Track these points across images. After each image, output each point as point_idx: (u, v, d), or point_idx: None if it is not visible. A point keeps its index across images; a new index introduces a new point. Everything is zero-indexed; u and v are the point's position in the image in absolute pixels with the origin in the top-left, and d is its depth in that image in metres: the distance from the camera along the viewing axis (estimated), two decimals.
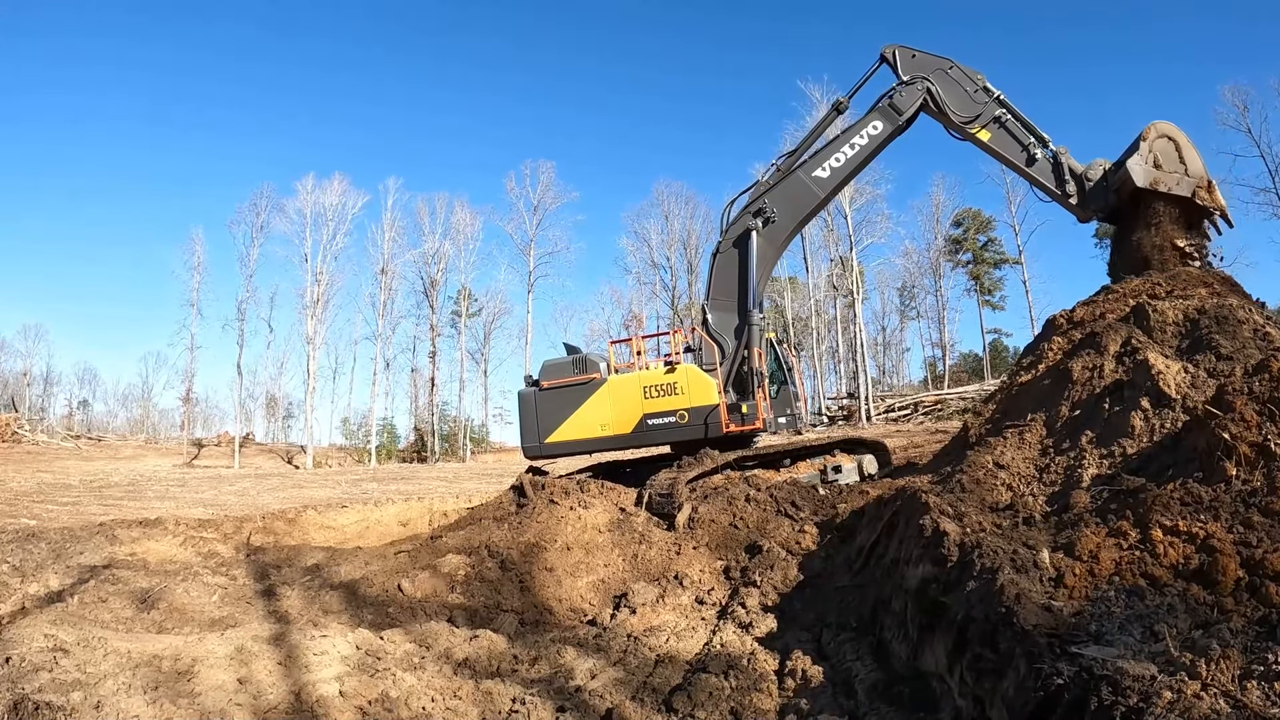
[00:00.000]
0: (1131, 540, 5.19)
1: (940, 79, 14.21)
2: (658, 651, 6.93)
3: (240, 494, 26.33)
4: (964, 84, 14.21)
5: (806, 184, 14.67)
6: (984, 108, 14.06)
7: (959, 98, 14.15)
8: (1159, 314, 10.48)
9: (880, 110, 14.50)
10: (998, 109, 13.99)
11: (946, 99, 14.10)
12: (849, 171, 14.93)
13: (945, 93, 14.12)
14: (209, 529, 14.00)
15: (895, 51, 14.65)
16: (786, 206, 14.64)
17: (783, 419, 14.65)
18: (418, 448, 65.34)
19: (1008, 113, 14.05)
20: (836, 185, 15.06)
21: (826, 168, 14.62)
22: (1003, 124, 14.06)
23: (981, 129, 14.08)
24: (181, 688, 5.46)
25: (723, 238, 14.98)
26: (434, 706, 5.66)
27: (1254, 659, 3.44)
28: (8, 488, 28.03)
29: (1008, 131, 14.09)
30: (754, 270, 14.25)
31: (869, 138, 14.51)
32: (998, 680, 4.05)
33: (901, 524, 7.16)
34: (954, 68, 14.30)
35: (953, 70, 14.29)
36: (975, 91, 14.13)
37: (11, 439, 54.52)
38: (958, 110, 14.10)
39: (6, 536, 11.76)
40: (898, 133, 14.57)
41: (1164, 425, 8.09)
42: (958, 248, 76.22)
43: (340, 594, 9.28)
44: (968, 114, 14.08)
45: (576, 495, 11.44)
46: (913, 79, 14.31)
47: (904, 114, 14.29)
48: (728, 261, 14.71)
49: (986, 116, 14.06)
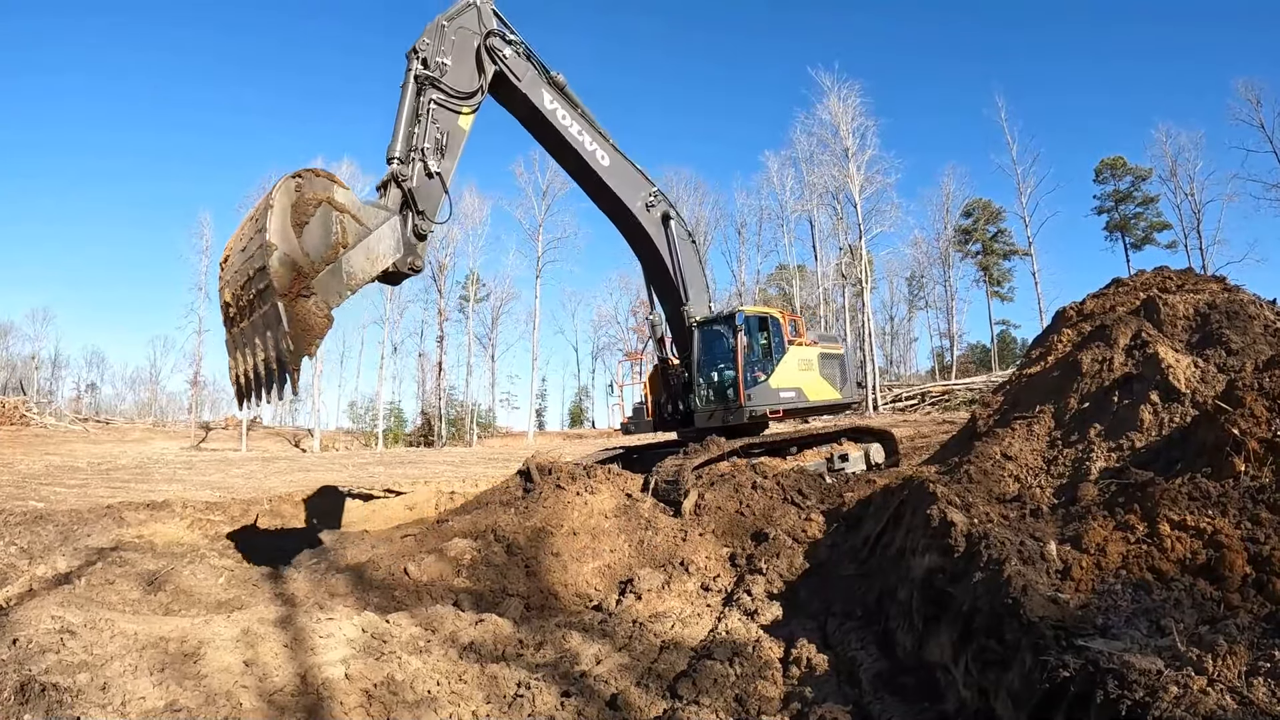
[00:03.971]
0: (1139, 534, 5.18)
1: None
2: (663, 638, 6.95)
3: (247, 477, 26.45)
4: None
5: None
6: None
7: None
8: (1169, 308, 10.43)
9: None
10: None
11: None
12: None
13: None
14: (216, 511, 14.06)
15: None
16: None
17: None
18: (424, 432, 65.66)
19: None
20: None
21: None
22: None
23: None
24: (188, 669, 5.48)
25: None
26: (439, 689, 5.68)
27: (1260, 655, 3.43)
28: (16, 470, 28.19)
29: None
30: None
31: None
32: (1003, 672, 4.05)
33: (908, 514, 7.15)
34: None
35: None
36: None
37: (20, 422, 54.85)
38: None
39: (14, 519, 11.82)
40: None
41: (1173, 419, 8.06)
42: (967, 238, 75.97)
43: (346, 577, 9.31)
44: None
45: (583, 481, 11.44)
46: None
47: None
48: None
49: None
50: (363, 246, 7.79)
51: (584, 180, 13.25)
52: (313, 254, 7.31)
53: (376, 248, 7.95)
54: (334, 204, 7.55)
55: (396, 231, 8.30)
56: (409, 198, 9.11)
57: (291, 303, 7.05)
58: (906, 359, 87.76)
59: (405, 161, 9.33)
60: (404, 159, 9.33)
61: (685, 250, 14.14)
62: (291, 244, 7.19)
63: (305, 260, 7.23)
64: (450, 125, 10.02)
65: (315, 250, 7.33)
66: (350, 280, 7.64)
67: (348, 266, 7.63)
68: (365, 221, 7.87)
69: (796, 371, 14.21)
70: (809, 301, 65.93)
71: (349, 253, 7.62)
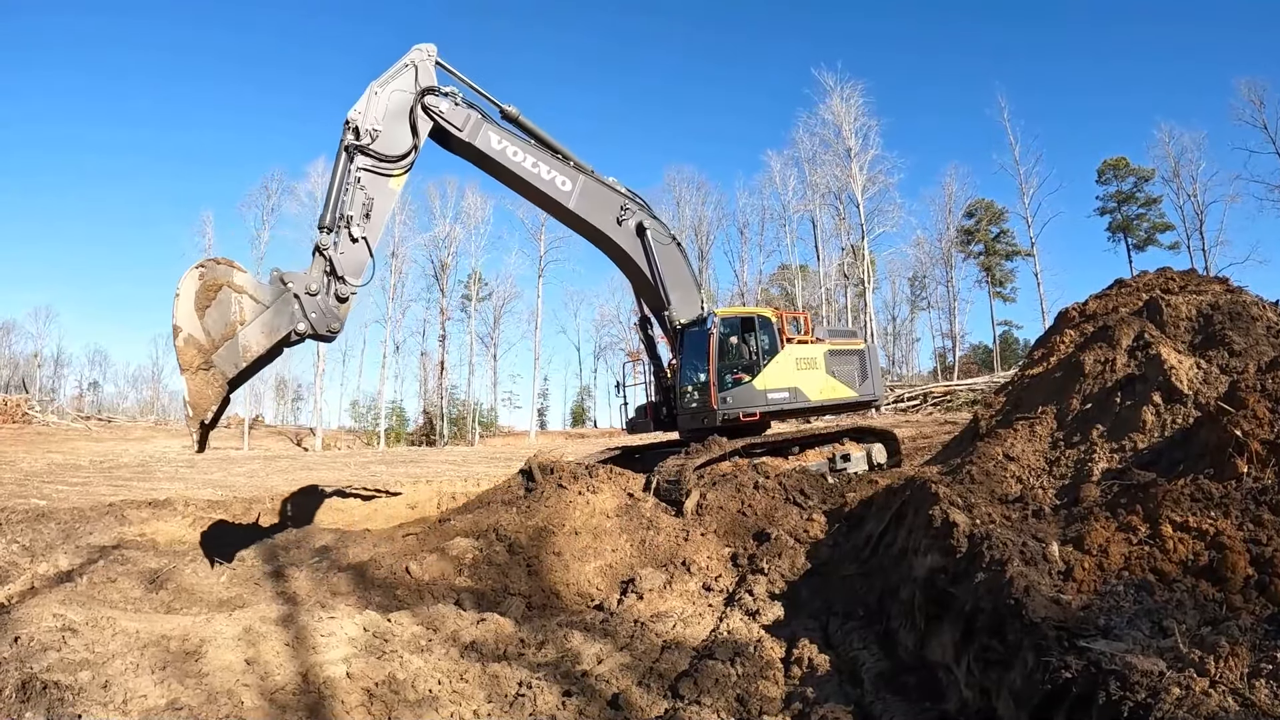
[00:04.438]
0: (1141, 535, 5.17)
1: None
2: (665, 637, 6.95)
3: (249, 475, 26.47)
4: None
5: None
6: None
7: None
8: (1172, 308, 10.42)
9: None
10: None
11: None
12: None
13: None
14: (218, 510, 14.06)
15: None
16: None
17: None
18: (426, 431, 65.64)
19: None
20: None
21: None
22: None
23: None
24: (189, 668, 5.49)
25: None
26: (440, 689, 5.69)
27: (1262, 657, 3.43)
28: (18, 468, 28.24)
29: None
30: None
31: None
32: (1005, 672, 4.05)
33: (910, 514, 7.15)
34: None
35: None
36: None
37: (22, 420, 54.89)
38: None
39: (17, 517, 11.84)
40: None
41: (1175, 420, 8.06)
42: (970, 238, 75.84)
43: (348, 576, 9.32)
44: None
45: (585, 480, 11.44)
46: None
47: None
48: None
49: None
50: (258, 322, 8.77)
51: (550, 209, 13.38)
52: (213, 332, 8.50)
53: (271, 322, 8.85)
54: (233, 286, 8.69)
55: (290, 306, 9.09)
56: (330, 265, 9.77)
57: (192, 375, 8.31)
58: (909, 359, 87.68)
59: (331, 229, 10.04)
60: (330, 227, 10.04)
61: (666, 255, 13.93)
62: (194, 325, 8.44)
63: (206, 338, 8.46)
64: (378, 190, 10.61)
65: (215, 329, 8.51)
66: (246, 353, 8.65)
67: (244, 341, 8.68)
68: (262, 300, 8.85)
69: (792, 371, 14.04)
70: (811, 301, 65.80)
71: (246, 329, 8.67)
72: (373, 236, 10.44)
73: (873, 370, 15.60)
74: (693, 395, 13.98)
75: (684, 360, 14.22)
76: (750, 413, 13.42)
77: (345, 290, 9.93)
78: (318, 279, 9.63)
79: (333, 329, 9.82)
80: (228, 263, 8.84)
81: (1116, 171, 68.58)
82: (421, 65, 11.30)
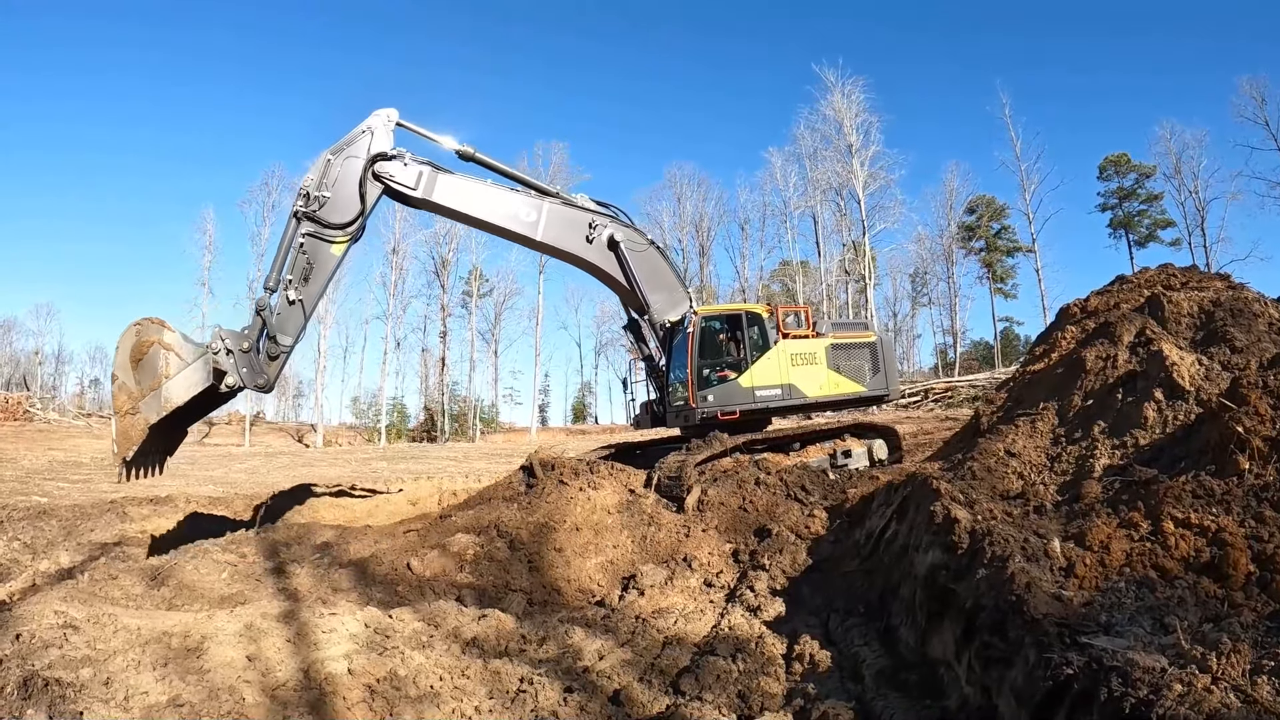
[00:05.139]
0: (1143, 532, 5.17)
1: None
2: (666, 633, 6.95)
3: (250, 472, 26.52)
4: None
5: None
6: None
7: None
8: (1174, 305, 10.41)
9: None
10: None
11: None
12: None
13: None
14: (219, 506, 14.09)
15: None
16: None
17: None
18: (427, 427, 65.66)
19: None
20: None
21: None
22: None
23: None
24: (191, 664, 5.49)
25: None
26: (442, 685, 5.69)
27: (1265, 654, 3.43)
28: (19, 465, 28.24)
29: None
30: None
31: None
32: (1006, 669, 4.05)
33: (912, 510, 7.14)
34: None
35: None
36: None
37: (23, 417, 54.81)
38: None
39: (18, 514, 11.88)
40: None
41: (1177, 417, 8.05)
42: (971, 235, 75.83)
43: (349, 572, 9.32)
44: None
45: (586, 476, 11.43)
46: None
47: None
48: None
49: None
50: (180, 377, 9.75)
51: (519, 242, 13.59)
52: (142, 383, 9.66)
53: (190, 378, 9.80)
54: (162, 344, 9.79)
55: (208, 365, 9.95)
56: (265, 324, 10.74)
57: (120, 418, 9.52)
58: (910, 356, 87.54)
59: (272, 290, 10.96)
60: (272, 288, 10.97)
61: (642, 260, 13.85)
62: (128, 375, 9.68)
63: (136, 388, 9.64)
64: (319, 256, 11.31)
65: (144, 380, 9.65)
66: (167, 403, 9.68)
67: (166, 392, 9.73)
68: (185, 358, 9.85)
69: (787, 367, 13.92)
70: (812, 298, 65.78)
71: (169, 382, 9.69)
72: (309, 300, 11.24)
73: (885, 363, 15.14)
74: (678, 393, 13.99)
75: (672, 358, 14.22)
76: (729, 411, 13.35)
77: (276, 350, 10.88)
78: (251, 337, 10.59)
79: (259, 384, 10.74)
80: (159, 322, 9.92)
81: (1118, 168, 68.54)
82: (378, 131, 11.67)
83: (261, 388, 10.81)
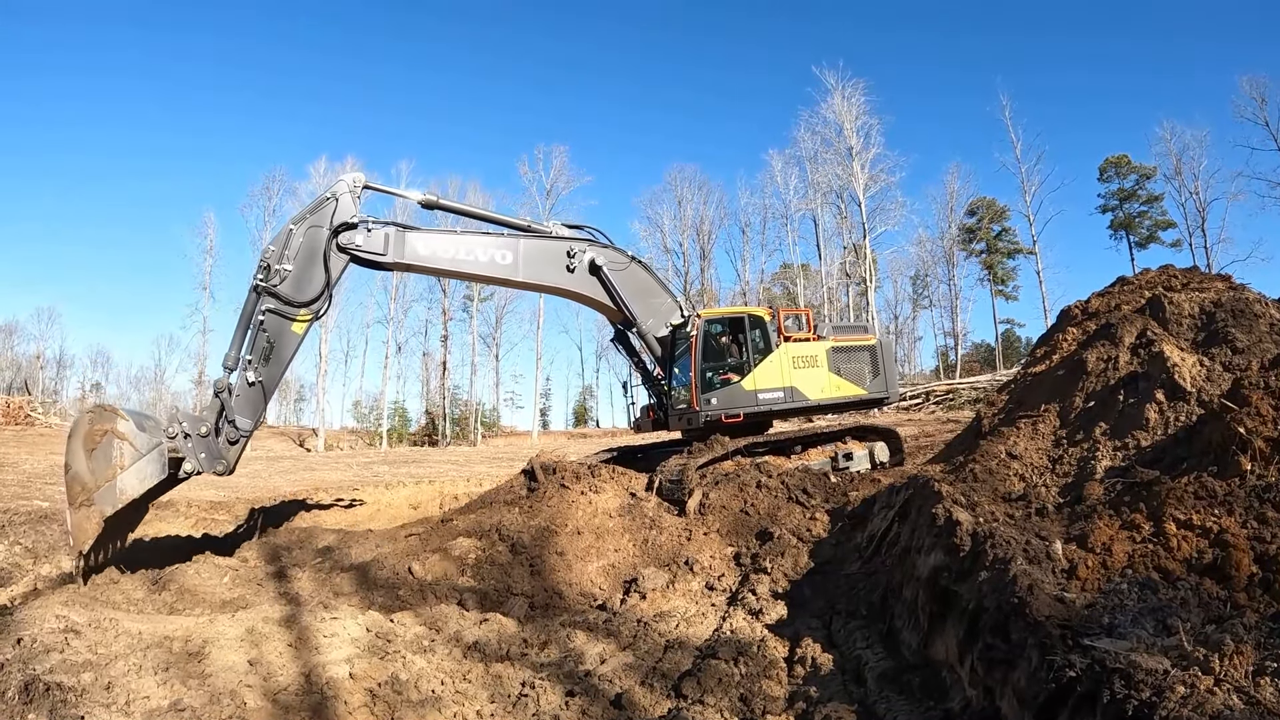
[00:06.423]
0: (1145, 533, 5.17)
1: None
2: (668, 637, 6.95)
3: (252, 476, 26.45)
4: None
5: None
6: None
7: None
8: (1175, 306, 10.40)
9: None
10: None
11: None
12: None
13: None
14: (221, 511, 14.08)
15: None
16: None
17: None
18: (429, 431, 65.65)
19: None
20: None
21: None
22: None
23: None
24: (192, 669, 5.49)
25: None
26: (443, 689, 5.69)
27: (1268, 655, 3.42)
28: (21, 469, 28.18)
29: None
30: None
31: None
32: (1009, 671, 4.04)
33: (913, 512, 7.14)
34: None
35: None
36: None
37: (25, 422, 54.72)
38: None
39: (19, 518, 11.84)
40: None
41: (1178, 418, 8.04)
42: (971, 237, 75.77)
43: (351, 576, 9.32)
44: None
45: (587, 480, 11.44)
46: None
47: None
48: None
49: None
50: (134, 469, 9.19)
51: (499, 284, 13.46)
52: (96, 473, 9.03)
53: (145, 469, 9.22)
54: (116, 433, 9.23)
55: (163, 456, 9.36)
56: (224, 406, 10.24)
57: (74, 510, 8.85)
58: (911, 358, 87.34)
59: (231, 369, 10.46)
60: (231, 366, 10.46)
61: (626, 278, 13.79)
62: (81, 464, 9.04)
63: (90, 478, 9.00)
64: (280, 333, 10.82)
65: (99, 470, 9.03)
66: (121, 495, 9.07)
67: (121, 485, 9.12)
68: (139, 448, 9.26)
69: (789, 370, 13.93)
70: (813, 300, 65.75)
71: (124, 474, 9.13)
72: (269, 382, 10.79)
73: (885, 366, 15.23)
74: (681, 396, 13.99)
75: (676, 363, 14.24)
76: (733, 414, 13.35)
77: (235, 434, 10.36)
78: (209, 421, 10.12)
79: (218, 470, 10.22)
80: (113, 410, 9.44)
81: (1118, 169, 68.47)
82: (343, 198, 11.26)
83: (220, 473, 10.34)
